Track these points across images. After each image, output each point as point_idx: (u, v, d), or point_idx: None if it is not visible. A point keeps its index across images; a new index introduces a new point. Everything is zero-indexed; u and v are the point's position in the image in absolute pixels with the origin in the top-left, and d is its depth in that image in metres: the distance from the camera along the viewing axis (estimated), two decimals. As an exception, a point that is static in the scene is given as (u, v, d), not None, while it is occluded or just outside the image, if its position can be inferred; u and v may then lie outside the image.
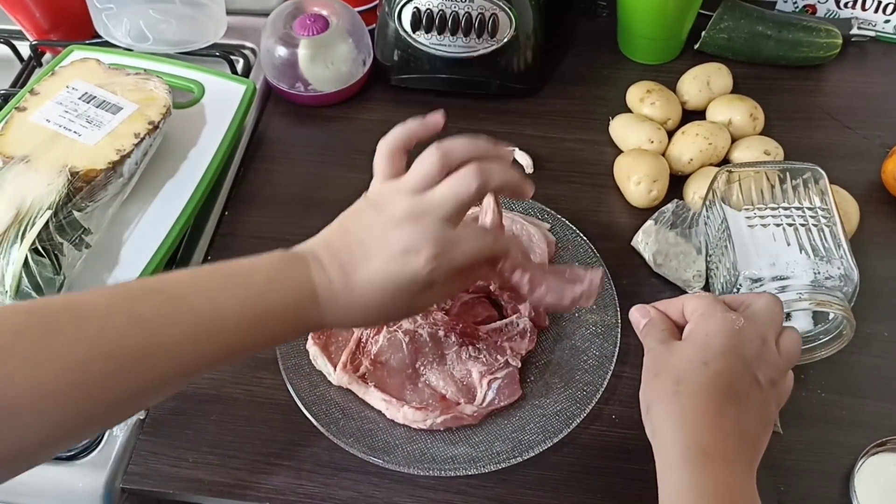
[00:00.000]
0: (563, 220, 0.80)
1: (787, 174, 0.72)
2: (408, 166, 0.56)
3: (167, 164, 0.82)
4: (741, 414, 0.51)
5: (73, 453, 0.68)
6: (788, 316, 0.68)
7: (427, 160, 0.53)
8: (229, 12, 0.98)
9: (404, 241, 0.51)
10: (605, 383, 0.68)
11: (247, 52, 1.02)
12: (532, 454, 0.65)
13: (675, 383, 0.51)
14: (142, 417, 0.70)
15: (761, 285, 0.67)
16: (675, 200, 0.79)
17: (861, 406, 0.69)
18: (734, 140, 0.84)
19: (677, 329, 0.56)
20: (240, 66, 0.99)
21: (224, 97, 0.89)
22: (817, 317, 0.69)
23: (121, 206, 0.77)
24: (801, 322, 0.69)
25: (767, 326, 0.54)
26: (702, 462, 0.48)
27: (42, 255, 0.68)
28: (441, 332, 0.70)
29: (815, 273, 0.66)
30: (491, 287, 0.74)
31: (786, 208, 0.70)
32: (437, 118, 0.57)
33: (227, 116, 0.87)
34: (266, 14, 0.94)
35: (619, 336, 0.71)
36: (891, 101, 0.93)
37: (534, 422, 0.67)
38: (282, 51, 0.91)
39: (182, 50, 0.96)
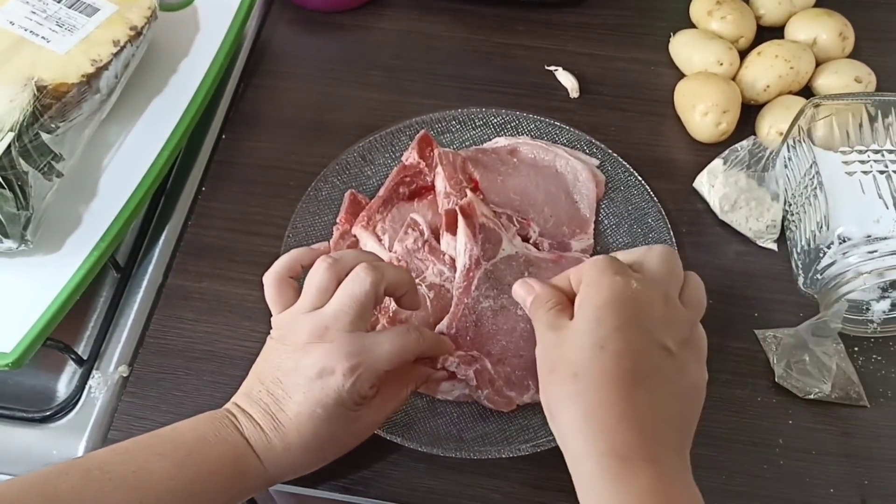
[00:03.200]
0: (615, 155, 0.68)
1: (886, 108, 0.61)
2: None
3: (153, 77, 0.71)
4: (655, 396, 0.44)
5: (47, 413, 0.60)
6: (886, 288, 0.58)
7: (318, 273, 0.51)
8: None
9: (317, 364, 0.49)
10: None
11: (249, -55, 0.89)
12: (576, 435, 0.55)
13: (573, 379, 0.44)
14: (125, 375, 0.61)
15: (854, 246, 0.56)
16: (752, 137, 0.67)
17: (961, 387, 0.59)
18: (818, 64, 0.72)
19: (570, 303, 0.48)
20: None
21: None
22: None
23: (98, 128, 0.66)
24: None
25: (667, 283, 0.47)
26: (620, 469, 0.42)
27: (2, 187, 0.57)
28: (471, 288, 0.60)
29: (922, 232, 0.55)
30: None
31: (891, 151, 0.58)
32: (323, 245, 0.57)
33: (224, 23, 0.75)
34: None
35: (679, 295, 0.61)
36: None
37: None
38: (289, -55, 0.78)
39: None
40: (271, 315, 0.54)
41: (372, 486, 0.56)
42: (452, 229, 0.61)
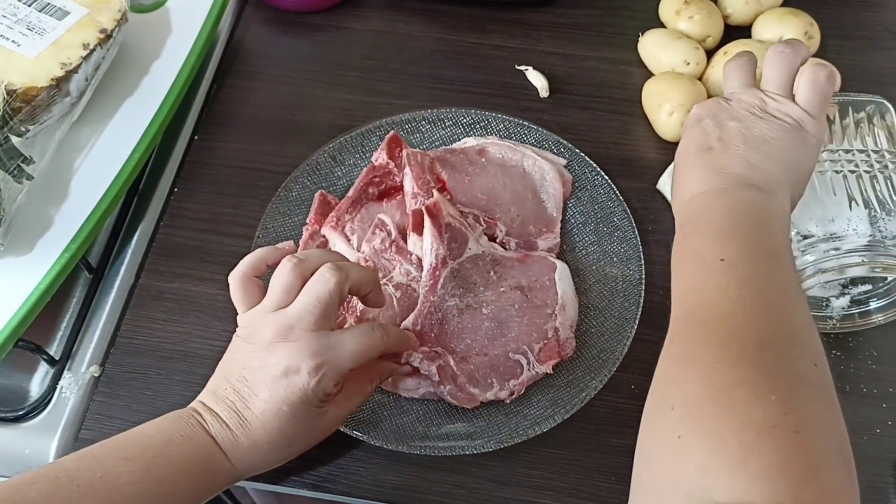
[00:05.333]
0: (582, 154, 0.69)
1: (847, 108, 0.62)
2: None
3: (125, 79, 0.71)
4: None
5: (20, 413, 0.61)
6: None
7: (283, 273, 0.52)
8: None
9: (282, 363, 0.50)
10: (626, 349, 0.60)
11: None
12: (539, 431, 0.56)
13: (707, 151, 0.52)
14: (97, 375, 0.62)
15: (813, 245, 0.57)
16: None
17: (918, 381, 0.60)
18: (784, 63, 0.72)
19: None
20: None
21: (192, 0, 0.77)
22: (874, 278, 0.60)
23: (70, 130, 0.66)
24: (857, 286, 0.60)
25: (743, 84, 0.57)
26: (720, 195, 0.50)
27: (-28, 190, 0.58)
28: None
29: (878, 231, 0.56)
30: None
31: (847, 151, 0.59)
32: (288, 244, 0.58)
33: (196, 24, 0.75)
34: None
35: (642, 294, 0.62)
36: (964, 19, 0.81)
37: (541, 393, 0.59)
38: (261, -54, 0.79)
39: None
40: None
41: (339, 483, 0.57)
42: (419, 229, 0.61)
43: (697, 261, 0.47)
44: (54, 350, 0.64)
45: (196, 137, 0.74)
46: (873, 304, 0.60)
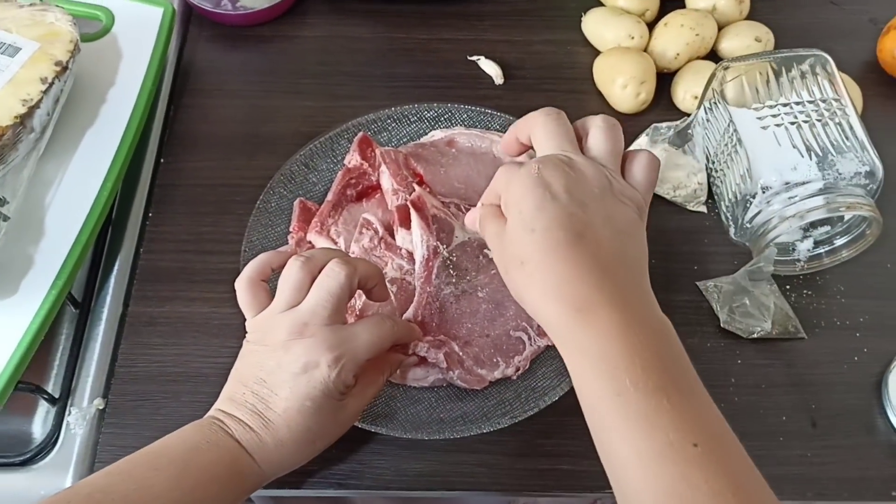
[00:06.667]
0: (546, 134, 0.71)
1: (791, 63, 0.66)
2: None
3: (84, 109, 0.70)
4: (594, 247, 0.46)
5: (27, 456, 0.60)
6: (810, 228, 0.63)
7: (292, 272, 0.53)
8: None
9: (301, 359, 0.51)
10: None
11: (155, -34, 0.88)
12: (549, 402, 0.59)
13: (522, 266, 0.47)
14: (101, 407, 0.62)
15: (775, 194, 0.61)
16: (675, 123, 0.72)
17: (883, 309, 0.65)
18: (720, 28, 0.77)
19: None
20: (149, -17, 0.86)
21: (138, 23, 0.76)
22: (832, 219, 0.64)
23: (37, 166, 0.66)
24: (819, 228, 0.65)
25: (560, 151, 0.50)
26: (579, 319, 0.44)
27: (-49, 238, 0.57)
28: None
29: (834, 173, 0.60)
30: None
31: (797, 103, 0.63)
32: (290, 247, 0.62)
33: (145, 47, 0.75)
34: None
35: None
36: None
37: (546, 364, 0.61)
38: (200, -37, 0.79)
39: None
40: (241, 327, 0.55)
41: (364, 478, 0.59)
42: (406, 224, 0.63)
43: (662, 441, 0.41)
44: (52, 388, 0.63)
45: (162, 160, 0.74)
46: (838, 242, 0.64)
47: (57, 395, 0.62)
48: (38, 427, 0.62)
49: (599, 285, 0.44)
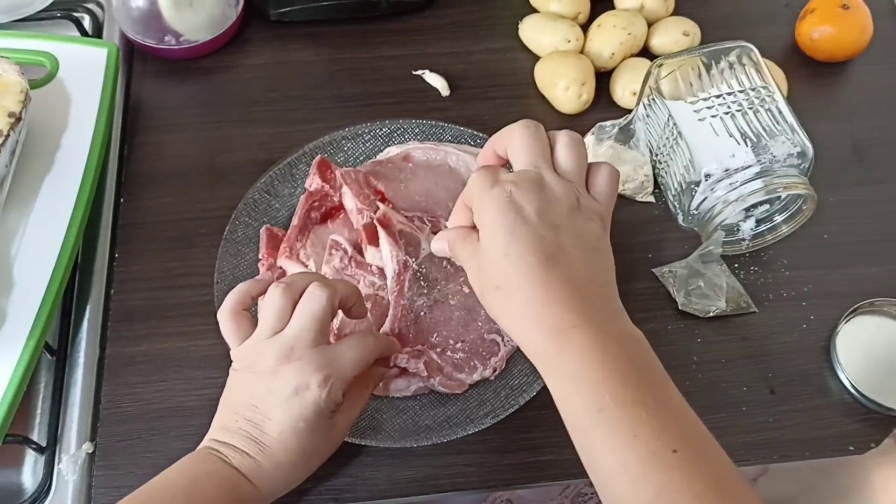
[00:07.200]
0: (497, 141, 0.74)
1: (719, 56, 0.70)
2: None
3: (40, 157, 0.70)
4: (566, 268, 0.47)
5: (18, 509, 0.61)
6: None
7: (274, 299, 0.54)
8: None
9: (291, 382, 0.52)
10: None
11: (91, 5, 0.88)
12: (527, 398, 0.62)
13: (498, 291, 0.48)
14: (90, 451, 0.62)
15: (717, 181, 0.65)
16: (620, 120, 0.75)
17: (825, 277, 0.70)
18: (650, 25, 0.81)
19: (475, 228, 0.51)
20: (86, 23, 0.86)
21: (83, 66, 0.76)
22: (772, 199, 0.69)
23: None
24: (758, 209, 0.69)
25: (534, 168, 0.50)
26: (557, 341, 0.45)
27: (-76, 300, 0.57)
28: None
29: (768, 156, 0.64)
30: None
31: (728, 93, 0.67)
32: (267, 275, 0.64)
33: (93, 89, 0.75)
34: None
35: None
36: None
37: (521, 363, 0.64)
38: (139, 0, 0.79)
39: (14, 18, 0.82)
40: (221, 357, 0.57)
41: (358, 490, 0.61)
42: (374, 241, 0.65)
43: (644, 451, 0.43)
44: (37, 438, 0.63)
45: (122, 200, 0.74)
46: (777, 219, 0.69)
47: (44, 444, 0.62)
48: (28, 478, 0.63)
49: (575, 307, 0.46)
